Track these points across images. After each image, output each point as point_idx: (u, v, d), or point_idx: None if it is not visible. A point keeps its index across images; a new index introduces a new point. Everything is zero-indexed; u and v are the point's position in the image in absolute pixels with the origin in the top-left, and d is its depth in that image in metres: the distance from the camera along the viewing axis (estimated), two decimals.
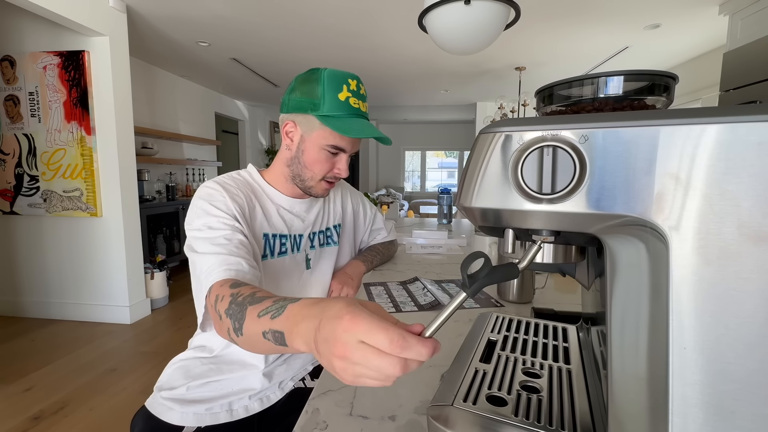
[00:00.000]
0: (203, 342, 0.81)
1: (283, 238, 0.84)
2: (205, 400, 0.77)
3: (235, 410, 0.77)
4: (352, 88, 0.78)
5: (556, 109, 0.42)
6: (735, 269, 0.25)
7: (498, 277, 0.39)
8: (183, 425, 0.75)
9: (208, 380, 0.78)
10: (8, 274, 2.86)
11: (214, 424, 0.75)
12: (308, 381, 0.87)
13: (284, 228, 0.85)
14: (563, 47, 3.59)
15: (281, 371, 0.83)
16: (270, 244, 0.82)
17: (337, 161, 0.81)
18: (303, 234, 0.89)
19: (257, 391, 0.79)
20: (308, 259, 0.90)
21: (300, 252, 0.88)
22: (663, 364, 0.26)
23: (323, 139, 0.78)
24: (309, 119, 0.78)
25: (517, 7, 1.33)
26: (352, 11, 2.81)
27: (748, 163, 0.24)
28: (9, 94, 2.67)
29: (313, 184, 0.83)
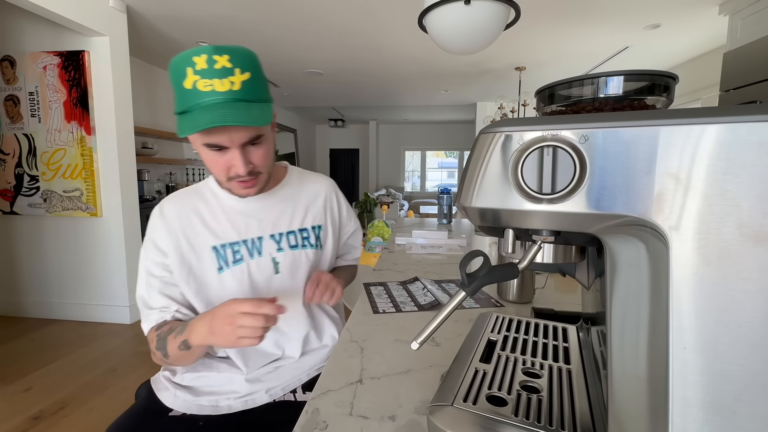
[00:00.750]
0: None
1: (235, 246, 0.79)
2: (194, 390, 0.80)
3: (220, 407, 0.79)
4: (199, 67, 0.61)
5: (556, 109, 0.42)
6: (735, 269, 0.25)
7: (497, 277, 0.39)
8: (172, 408, 0.79)
9: (198, 374, 0.81)
10: (8, 274, 2.86)
11: (198, 414, 0.78)
12: (299, 394, 0.85)
13: (234, 234, 0.80)
14: (563, 47, 3.59)
15: (271, 378, 0.83)
16: (221, 255, 0.78)
17: (229, 158, 0.69)
18: (263, 236, 0.82)
19: (242, 395, 0.80)
20: (276, 262, 0.83)
21: (262, 256, 0.81)
22: (663, 364, 0.26)
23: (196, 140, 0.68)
24: None
25: (517, 7, 1.33)
26: (352, 11, 2.81)
27: (748, 163, 0.24)
28: (9, 94, 2.67)
29: (227, 186, 0.76)
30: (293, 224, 0.86)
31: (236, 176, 0.71)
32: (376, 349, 0.70)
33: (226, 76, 0.62)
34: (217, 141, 0.66)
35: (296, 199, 0.89)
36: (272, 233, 0.83)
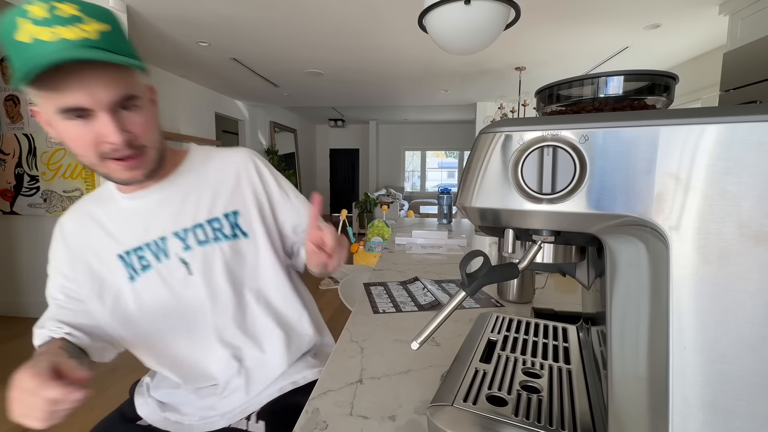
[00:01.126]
0: None
1: (138, 251, 0.69)
2: (162, 405, 0.79)
3: (183, 425, 0.76)
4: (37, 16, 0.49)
5: (556, 109, 0.42)
6: (735, 269, 0.25)
7: (497, 277, 0.39)
8: (142, 416, 0.79)
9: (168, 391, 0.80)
10: (8, 274, 2.86)
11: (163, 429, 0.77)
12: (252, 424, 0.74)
13: (134, 239, 0.70)
14: (563, 47, 3.59)
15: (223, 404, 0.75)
16: (129, 263, 0.70)
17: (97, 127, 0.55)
18: (165, 236, 0.70)
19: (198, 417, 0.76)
20: (186, 263, 0.70)
21: (170, 258, 0.70)
22: (663, 364, 0.26)
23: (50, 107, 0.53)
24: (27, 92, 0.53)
25: (517, 7, 1.33)
26: (352, 11, 2.81)
27: (748, 163, 0.24)
28: (9, 94, 2.67)
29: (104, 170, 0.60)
30: (199, 216, 0.71)
31: (111, 150, 0.56)
32: (376, 349, 0.70)
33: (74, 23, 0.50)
34: (75, 101, 0.52)
35: (201, 184, 0.73)
36: (175, 230, 0.70)
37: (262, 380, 0.76)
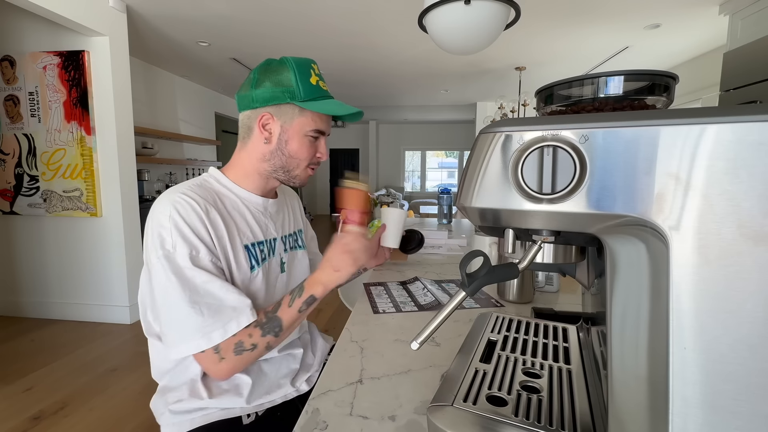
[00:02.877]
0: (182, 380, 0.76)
1: (261, 245, 0.81)
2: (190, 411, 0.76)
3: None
4: (317, 71, 0.79)
5: (556, 109, 0.42)
6: (735, 269, 0.25)
7: (497, 277, 0.39)
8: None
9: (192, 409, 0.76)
10: (8, 274, 2.86)
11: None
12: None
13: (260, 233, 0.82)
14: (563, 47, 3.59)
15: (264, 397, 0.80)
16: (253, 254, 0.79)
17: (319, 145, 0.82)
18: (277, 237, 0.86)
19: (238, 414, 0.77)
20: (282, 262, 0.87)
21: (275, 256, 0.85)
22: (663, 364, 0.26)
23: (306, 126, 0.78)
24: (287, 109, 0.77)
25: (517, 7, 1.33)
26: (352, 11, 2.81)
27: (748, 163, 0.24)
28: (9, 94, 2.67)
29: (299, 172, 0.81)
30: (291, 227, 0.93)
31: (316, 162, 0.83)
32: (376, 349, 0.70)
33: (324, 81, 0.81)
34: (325, 128, 0.80)
35: (287, 204, 0.95)
36: (282, 235, 0.88)
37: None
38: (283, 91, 0.75)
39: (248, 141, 0.80)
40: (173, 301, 0.66)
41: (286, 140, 0.78)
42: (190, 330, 0.65)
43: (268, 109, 0.77)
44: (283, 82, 0.75)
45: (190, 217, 0.69)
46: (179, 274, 0.66)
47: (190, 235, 0.68)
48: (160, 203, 0.70)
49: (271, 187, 0.85)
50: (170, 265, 0.66)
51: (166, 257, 0.66)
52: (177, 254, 0.67)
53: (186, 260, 0.67)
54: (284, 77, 0.75)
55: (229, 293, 0.68)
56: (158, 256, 0.67)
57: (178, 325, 0.66)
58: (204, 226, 0.70)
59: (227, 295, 0.68)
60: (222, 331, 0.66)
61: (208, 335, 0.66)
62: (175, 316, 0.66)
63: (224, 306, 0.68)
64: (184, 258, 0.67)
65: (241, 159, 0.82)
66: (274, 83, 0.75)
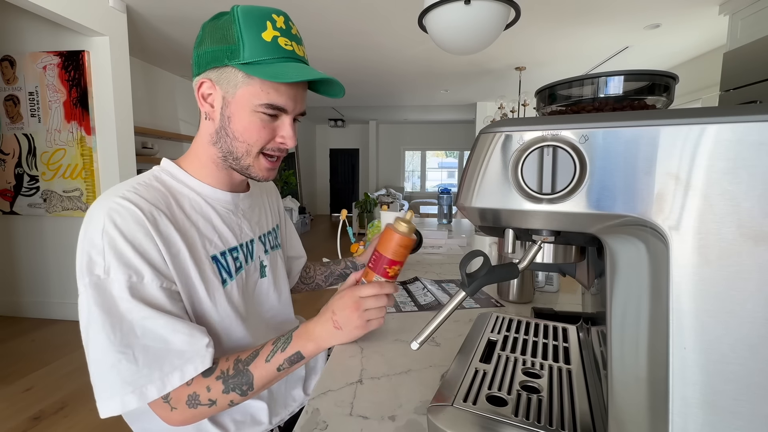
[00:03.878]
0: None
1: (234, 252, 0.67)
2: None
3: None
4: (279, 25, 0.58)
5: (556, 109, 0.42)
6: (735, 269, 0.25)
7: (497, 277, 0.39)
8: None
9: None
10: (8, 274, 2.86)
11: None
12: None
13: (232, 238, 0.67)
14: (563, 47, 3.59)
15: None
16: (224, 265, 0.64)
17: (279, 127, 0.62)
18: (254, 238, 0.73)
19: None
20: (263, 266, 0.74)
21: (253, 260, 0.72)
22: (663, 364, 0.26)
23: (253, 97, 0.58)
24: (228, 73, 0.58)
25: (517, 7, 1.33)
26: (351, 11, 2.81)
27: (748, 163, 0.24)
28: (9, 94, 2.67)
29: (249, 161, 0.63)
30: (269, 224, 0.80)
31: (277, 149, 0.64)
32: (376, 349, 0.70)
33: (301, 44, 0.62)
34: (283, 103, 0.60)
35: (263, 197, 0.81)
36: (260, 234, 0.76)
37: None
38: (224, 49, 0.57)
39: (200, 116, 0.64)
40: (98, 343, 0.50)
41: (228, 116, 0.60)
42: (118, 382, 0.50)
43: (208, 75, 0.60)
44: (225, 38, 0.57)
45: (131, 231, 0.53)
46: (109, 310, 0.50)
47: (130, 255, 0.52)
48: (93, 212, 0.54)
49: (238, 179, 0.69)
50: (98, 297, 0.51)
51: (95, 286, 0.51)
52: (110, 282, 0.51)
53: (122, 290, 0.51)
54: (227, 31, 0.57)
55: (176, 333, 0.53)
56: (85, 285, 0.51)
57: (103, 375, 0.50)
58: (151, 240, 0.54)
59: (174, 336, 0.52)
60: (160, 384, 0.51)
61: (141, 389, 0.50)
62: (99, 363, 0.50)
63: (169, 350, 0.52)
64: (119, 287, 0.51)
65: (195, 145, 0.66)
66: (215, 40, 0.58)
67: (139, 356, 0.51)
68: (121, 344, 0.50)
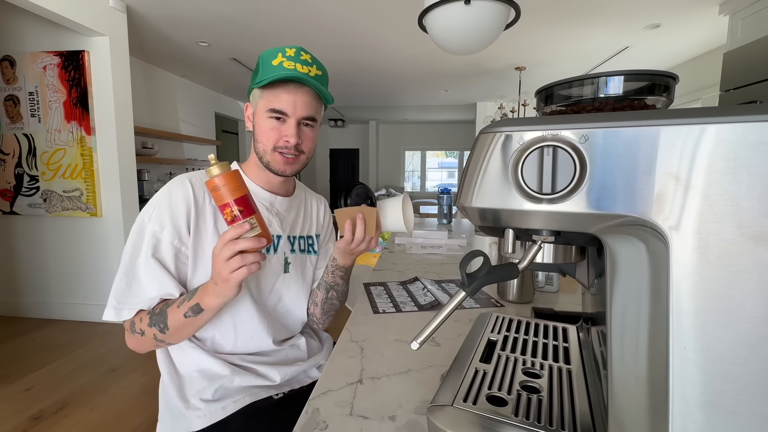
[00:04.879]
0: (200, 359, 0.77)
1: None
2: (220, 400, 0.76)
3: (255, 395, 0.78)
4: (288, 54, 0.76)
5: (556, 109, 0.42)
6: (735, 269, 0.25)
7: (497, 277, 0.39)
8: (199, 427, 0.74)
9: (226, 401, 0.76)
10: (8, 274, 2.86)
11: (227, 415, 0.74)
12: None
13: None
14: (563, 47, 3.59)
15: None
16: None
17: (284, 128, 0.78)
18: (282, 235, 0.85)
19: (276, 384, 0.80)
20: (287, 263, 0.86)
21: (278, 253, 0.84)
22: (663, 364, 0.26)
23: (264, 106, 0.78)
24: (254, 93, 0.80)
25: (517, 7, 1.33)
26: (351, 11, 2.81)
27: (748, 163, 0.24)
28: (9, 94, 2.67)
29: (268, 158, 0.79)
30: (304, 230, 0.93)
31: (284, 147, 0.78)
32: (376, 349, 0.70)
33: (306, 64, 0.77)
34: (283, 107, 0.76)
35: (305, 208, 0.95)
36: (289, 234, 0.88)
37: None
38: (253, 80, 0.79)
39: None
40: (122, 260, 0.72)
41: (255, 124, 0.81)
42: (113, 296, 0.71)
43: (249, 99, 0.83)
44: (255, 71, 0.80)
45: (176, 197, 0.74)
46: (134, 245, 0.72)
47: (165, 213, 0.73)
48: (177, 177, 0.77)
49: (276, 181, 0.84)
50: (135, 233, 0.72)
51: (139, 225, 0.73)
52: (147, 227, 0.72)
53: (150, 236, 0.72)
54: (256, 69, 0.79)
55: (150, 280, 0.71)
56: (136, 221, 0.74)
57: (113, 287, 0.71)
58: (186, 209, 0.74)
59: (148, 283, 0.71)
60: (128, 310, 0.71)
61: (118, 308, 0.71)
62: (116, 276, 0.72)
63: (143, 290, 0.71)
64: (149, 234, 0.72)
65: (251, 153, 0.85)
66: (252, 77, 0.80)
67: (131, 284, 0.71)
68: (126, 271, 0.71)
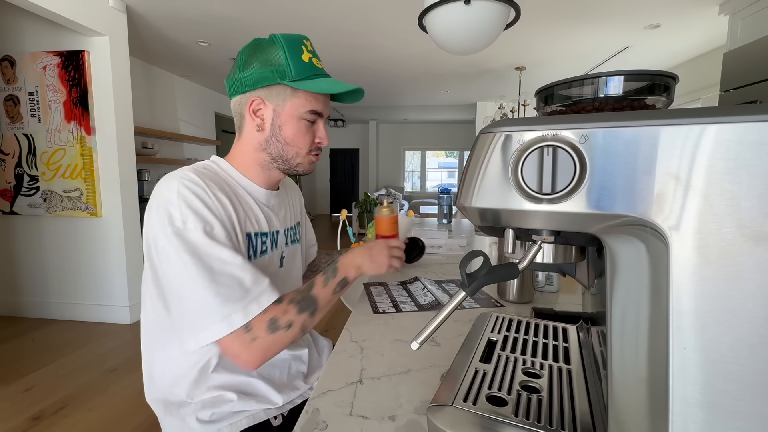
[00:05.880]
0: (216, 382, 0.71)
1: (264, 236, 0.77)
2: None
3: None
4: (310, 48, 0.73)
5: (556, 109, 0.42)
6: (735, 269, 0.25)
7: (497, 277, 0.39)
8: None
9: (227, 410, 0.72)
10: (8, 274, 2.86)
11: None
12: None
13: (266, 225, 0.78)
14: (563, 47, 3.59)
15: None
16: (253, 244, 0.75)
17: (317, 129, 0.76)
18: (279, 230, 0.83)
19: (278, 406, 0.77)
20: (282, 257, 0.84)
21: (277, 250, 0.82)
22: (663, 364, 0.26)
23: (300, 107, 0.72)
24: (278, 90, 0.71)
25: (517, 7, 1.33)
26: (352, 11, 2.81)
27: (748, 163, 0.24)
28: (9, 94, 2.67)
29: (300, 160, 0.76)
30: (291, 221, 0.91)
31: (316, 148, 0.78)
32: (376, 349, 0.70)
33: (318, 57, 0.76)
34: (321, 108, 0.75)
35: (288, 198, 0.92)
36: (285, 228, 0.86)
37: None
38: (273, 71, 0.69)
39: (242, 130, 0.76)
40: (187, 282, 0.60)
41: (280, 126, 0.73)
42: (210, 313, 0.60)
43: (258, 93, 0.71)
44: (272, 61, 0.69)
45: (200, 193, 0.64)
46: (193, 252, 0.60)
47: (202, 209, 0.63)
48: (164, 184, 0.65)
49: (275, 179, 0.81)
50: (182, 243, 0.60)
51: (177, 234, 0.61)
52: (188, 230, 0.61)
53: (200, 235, 0.62)
54: (273, 56, 0.70)
55: (246, 272, 0.63)
56: (167, 235, 0.61)
57: (195, 310, 0.60)
58: (215, 202, 0.66)
59: (245, 275, 0.63)
60: (243, 313, 0.61)
61: (228, 318, 0.60)
62: (190, 300, 0.60)
63: (244, 286, 0.63)
64: (197, 233, 0.61)
65: (239, 150, 0.77)
66: (262, 63, 0.70)
67: (222, 291, 0.61)
68: (208, 281, 0.60)
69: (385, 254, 0.81)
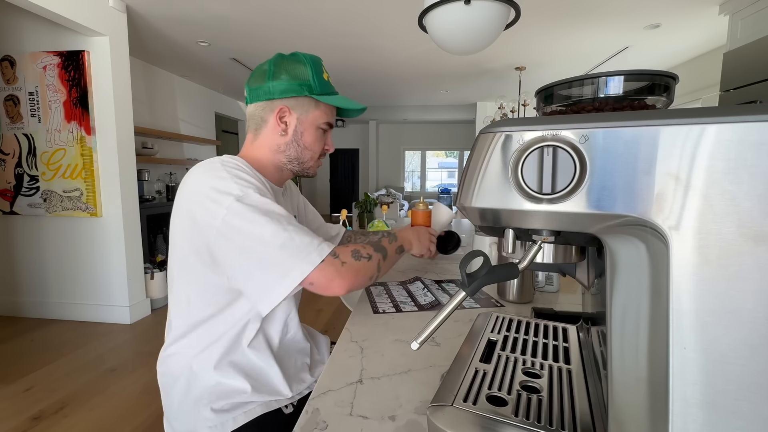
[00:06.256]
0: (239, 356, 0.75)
1: None
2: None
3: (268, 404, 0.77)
4: (325, 68, 0.85)
5: (556, 109, 0.42)
6: (735, 269, 0.25)
7: (497, 277, 0.39)
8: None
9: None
10: (8, 274, 2.86)
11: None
12: None
13: None
14: (563, 47, 3.59)
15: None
16: None
17: (327, 138, 0.86)
18: None
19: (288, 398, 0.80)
20: None
21: None
22: (663, 364, 0.26)
23: (320, 119, 0.82)
24: (304, 101, 0.80)
25: (517, 7, 1.33)
26: (352, 11, 2.81)
27: (748, 163, 0.24)
28: (9, 94, 2.67)
29: (312, 163, 0.86)
30: (292, 212, 0.95)
31: (323, 154, 0.87)
32: (376, 349, 0.70)
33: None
34: (332, 120, 0.86)
35: (287, 193, 0.97)
36: None
37: None
38: (301, 84, 0.78)
39: (261, 133, 0.81)
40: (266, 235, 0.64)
41: (301, 132, 0.81)
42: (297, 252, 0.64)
43: (285, 102, 0.79)
44: (300, 76, 0.78)
45: (244, 169, 0.72)
46: (260, 210, 0.65)
47: (251, 179, 0.70)
48: (205, 171, 0.70)
49: (284, 179, 0.88)
50: (247, 207, 0.65)
51: (240, 200, 0.65)
52: (248, 195, 0.66)
53: (259, 197, 0.67)
54: (301, 71, 0.79)
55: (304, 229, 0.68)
56: (228, 206, 0.65)
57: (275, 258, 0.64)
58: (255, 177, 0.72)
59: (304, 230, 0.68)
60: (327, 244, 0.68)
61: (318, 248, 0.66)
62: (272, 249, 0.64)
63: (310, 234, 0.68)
64: (256, 195, 0.67)
65: (254, 150, 0.82)
66: (291, 76, 0.78)
67: (300, 232, 0.66)
68: (282, 229, 0.65)
69: (427, 238, 0.99)
